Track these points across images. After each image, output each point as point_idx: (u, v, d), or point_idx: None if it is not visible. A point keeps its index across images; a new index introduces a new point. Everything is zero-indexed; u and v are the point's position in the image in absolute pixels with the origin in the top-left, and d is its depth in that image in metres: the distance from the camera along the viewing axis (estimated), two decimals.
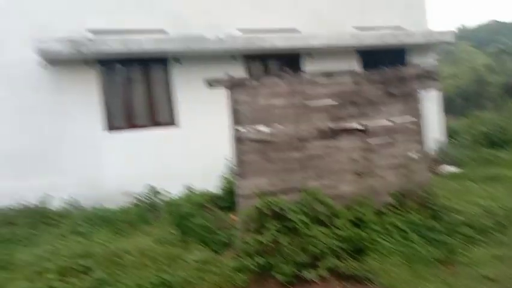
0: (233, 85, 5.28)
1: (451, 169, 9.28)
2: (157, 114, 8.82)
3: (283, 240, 4.88)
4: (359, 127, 5.76)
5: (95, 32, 8.20)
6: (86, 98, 8.27)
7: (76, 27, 8.08)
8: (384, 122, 5.83)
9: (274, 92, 5.39)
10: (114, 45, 7.81)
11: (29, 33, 7.66)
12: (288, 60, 9.33)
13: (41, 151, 8.00)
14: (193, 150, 8.69)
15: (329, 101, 5.58)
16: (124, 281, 4.48)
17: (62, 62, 8.07)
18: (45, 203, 7.88)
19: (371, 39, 9.41)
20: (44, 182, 7.93)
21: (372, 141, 5.79)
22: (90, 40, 7.71)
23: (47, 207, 7.81)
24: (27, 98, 7.96)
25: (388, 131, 5.86)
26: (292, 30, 9.50)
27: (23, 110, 7.94)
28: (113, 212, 6.85)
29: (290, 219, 5.06)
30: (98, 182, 8.23)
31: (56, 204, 7.90)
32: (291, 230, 5.07)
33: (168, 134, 8.74)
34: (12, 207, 7.64)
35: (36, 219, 7.28)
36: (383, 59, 9.24)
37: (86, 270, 4.80)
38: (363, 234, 5.17)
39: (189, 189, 7.08)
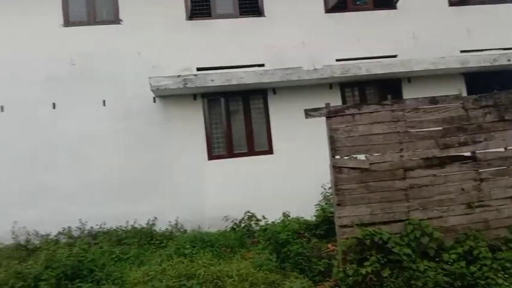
0: (331, 114, 5.30)
1: None
2: (255, 142, 9.13)
3: (386, 273, 4.68)
4: (469, 155, 5.38)
5: (201, 69, 8.88)
6: (192, 128, 8.89)
7: (183, 65, 8.84)
8: (497, 150, 5.38)
9: (375, 119, 5.30)
10: (217, 80, 8.35)
11: (143, 73, 8.56)
12: (387, 87, 9.12)
13: (150, 178, 8.70)
14: (288, 177, 8.79)
15: (436, 128, 5.32)
16: None
17: (171, 96, 8.83)
18: (152, 225, 8.53)
19: (479, 61, 8.83)
20: (152, 206, 8.58)
21: (485, 170, 5.35)
22: (196, 76, 8.35)
23: (153, 229, 8.44)
24: (140, 130, 8.80)
25: (502, 159, 5.38)
26: (392, 57, 9.32)
27: (137, 140, 8.78)
28: (213, 235, 7.13)
29: (393, 252, 4.85)
30: (200, 207, 8.68)
31: (161, 226, 8.50)
32: (394, 263, 4.86)
33: (265, 161, 8.96)
34: (123, 229, 8.39)
35: (144, 240, 7.90)
36: (493, 82, 8.59)
37: None
38: (476, 270, 4.76)
39: (286, 216, 7.13)
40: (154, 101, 8.92)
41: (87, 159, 8.62)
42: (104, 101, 8.80)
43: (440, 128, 5.40)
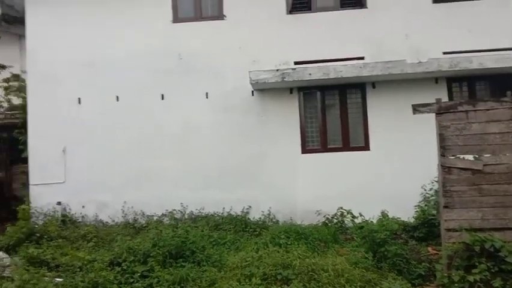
0: (442, 110, 5.02)
1: None
2: (351, 138, 8.97)
3: (497, 283, 4.35)
4: None
5: (298, 62, 8.93)
6: (287, 121, 9.02)
7: (281, 59, 8.97)
8: None
9: (492, 117, 4.91)
10: (314, 73, 8.35)
11: (243, 67, 8.86)
12: (500, 82, 8.36)
13: (246, 168, 9.02)
14: (385, 176, 8.53)
15: None
16: None
17: (269, 90, 9.03)
18: (247, 213, 8.85)
19: None
20: (246, 195, 8.90)
21: None
22: (294, 70, 8.43)
23: (247, 217, 8.75)
24: (238, 122, 9.15)
25: None
26: (508, 49, 8.48)
27: (235, 132, 9.14)
28: (306, 228, 7.19)
29: (506, 262, 4.48)
30: (292, 200, 8.80)
31: (255, 215, 8.78)
32: (506, 273, 4.50)
33: (360, 158, 8.78)
34: (219, 215, 8.82)
35: (239, 226, 8.23)
36: None
37: (286, 280, 5.17)
38: None
39: (384, 215, 6.93)
40: (252, 94, 9.18)
41: (190, 148, 9.20)
42: (206, 94, 9.28)
43: None
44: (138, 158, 9.27)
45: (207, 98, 9.27)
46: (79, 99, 9.55)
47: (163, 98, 9.38)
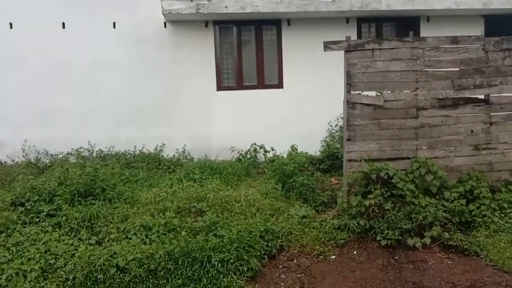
0: (351, 48, 5.22)
1: None
2: (265, 75, 9.05)
3: (388, 206, 4.88)
4: (483, 98, 5.38)
5: None
6: (202, 57, 8.75)
7: None
8: None
9: (394, 56, 5.23)
10: (231, 6, 8.09)
11: None
12: (404, 25, 8.86)
13: (159, 105, 8.72)
14: (296, 113, 8.82)
15: (453, 69, 5.27)
16: (233, 225, 4.85)
17: (183, 22, 8.60)
18: (160, 151, 8.72)
19: (503, 2, 8.51)
20: (160, 133, 8.71)
21: (496, 113, 5.39)
22: (209, 1, 8.07)
23: (161, 155, 8.64)
24: (150, 56, 8.67)
25: None
26: None
27: (147, 66, 8.68)
28: (220, 164, 7.33)
29: (397, 187, 5.02)
30: (207, 137, 8.81)
31: (169, 153, 8.69)
32: (396, 197, 5.05)
33: (274, 95, 8.94)
34: (131, 153, 8.58)
35: (152, 164, 8.12)
36: None
37: (200, 212, 5.30)
38: (474, 209, 4.98)
39: (294, 149, 7.27)
40: (165, 26, 8.70)
41: (97, 83, 8.60)
42: (114, 23, 8.60)
43: (458, 69, 5.35)
44: (39, 93, 8.47)
45: (114, 28, 8.60)
46: None
47: (64, 27, 8.51)
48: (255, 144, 8.15)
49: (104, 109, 8.62)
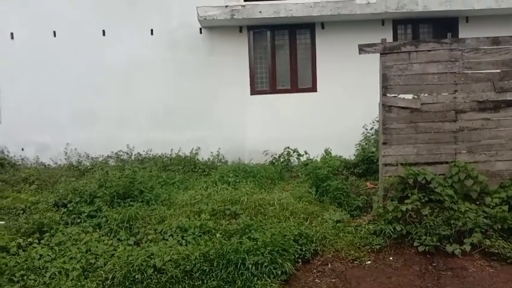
0: (386, 50, 5.14)
1: None
2: (299, 79, 9.05)
3: (426, 211, 4.76)
4: None
5: None
6: (236, 61, 8.87)
7: None
8: None
9: (432, 58, 5.11)
10: (265, 11, 8.16)
11: (191, 2, 8.41)
12: (442, 26, 8.65)
13: (194, 108, 8.91)
14: (330, 116, 8.77)
15: (494, 70, 5.09)
16: (267, 228, 4.87)
17: (217, 27, 8.75)
18: (196, 154, 8.88)
19: None
20: (195, 136, 8.88)
21: None
22: (243, 6, 8.17)
23: (196, 158, 8.79)
24: (185, 61, 8.87)
25: None
26: None
27: (182, 70, 8.88)
28: (254, 167, 7.37)
29: (436, 192, 4.90)
30: (241, 140, 8.91)
31: (204, 156, 8.84)
32: (435, 202, 4.93)
33: (308, 99, 8.93)
34: (168, 156, 8.79)
35: (188, 167, 8.28)
36: None
37: (234, 215, 5.35)
38: None
39: (327, 152, 7.22)
40: (201, 32, 8.88)
41: (135, 87, 8.89)
42: (152, 30, 8.86)
43: (499, 70, 5.16)
44: (80, 97, 8.86)
45: (152, 34, 8.87)
46: (12, 34, 8.81)
47: (104, 34, 8.85)
48: (288, 147, 8.16)
49: (141, 112, 8.87)
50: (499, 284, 3.95)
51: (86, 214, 5.52)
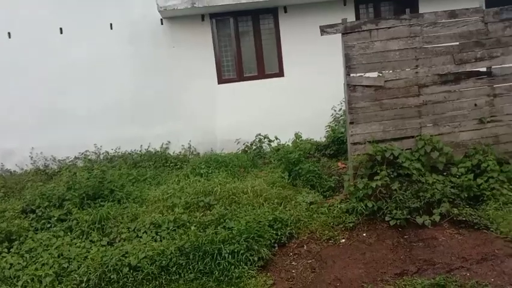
0: (347, 30, 5.15)
1: None
2: (265, 65, 9.00)
3: (395, 186, 4.85)
4: (485, 70, 5.30)
5: None
6: (201, 51, 8.72)
7: None
8: None
9: (392, 35, 5.16)
10: None
11: None
12: (403, 3, 8.73)
13: (162, 102, 8.73)
14: (299, 100, 8.77)
15: (453, 43, 5.19)
16: (242, 216, 4.86)
17: (179, 18, 8.57)
18: (166, 148, 8.75)
19: None
20: (165, 130, 8.74)
21: (499, 85, 5.31)
22: None
23: (167, 152, 8.67)
24: (149, 54, 8.67)
25: None
26: None
27: (146, 64, 8.68)
28: (226, 157, 7.32)
29: (404, 167, 4.99)
30: (212, 131, 8.83)
31: (175, 149, 8.73)
32: (403, 177, 5.02)
33: (275, 84, 8.91)
34: (138, 152, 8.63)
35: (159, 162, 8.16)
36: None
37: (208, 206, 5.32)
38: (482, 182, 4.93)
39: (298, 136, 7.25)
40: (162, 23, 8.69)
41: (98, 84, 8.63)
42: (111, 24, 8.60)
43: (457, 43, 5.27)
44: (42, 99, 8.54)
45: (111, 29, 8.61)
46: None
47: (62, 32, 8.55)
48: (259, 134, 8.14)
49: (107, 110, 8.65)
50: (468, 250, 4.08)
51: (56, 218, 5.39)
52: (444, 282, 3.53)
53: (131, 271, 4.14)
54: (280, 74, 8.99)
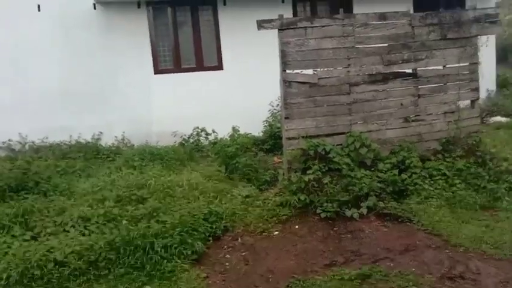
0: (284, 26, 5.24)
1: (500, 119, 9.03)
2: (204, 57, 8.91)
3: (326, 180, 5.04)
4: (411, 72, 5.65)
5: None
6: (137, 40, 8.46)
7: None
8: (437, 67, 5.69)
9: (326, 33, 5.32)
10: None
11: None
12: (338, 3, 9.03)
13: (94, 91, 8.37)
14: (237, 94, 8.81)
15: (382, 44, 5.46)
16: (176, 209, 4.80)
17: (113, 3, 8.22)
18: (98, 140, 8.39)
19: None
20: (97, 120, 8.38)
21: (423, 86, 5.69)
22: None
23: (99, 144, 8.32)
24: (80, 40, 8.24)
25: (440, 77, 5.72)
26: None
27: (77, 51, 8.25)
28: (162, 149, 7.18)
29: (334, 161, 5.19)
30: (147, 122, 8.60)
31: (107, 141, 8.39)
32: (334, 171, 5.23)
33: (214, 77, 8.86)
34: (67, 143, 8.20)
35: (90, 154, 7.81)
36: (439, 1, 8.76)
37: (141, 200, 5.18)
38: (406, 177, 5.26)
39: (235, 130, 7.28)
40: (94, 8, 8.27)
41: (26, 70, 8.07)
42: (38, 6, 8.04)
43: (386, 44, 5.55)
44: None
45: (39, 11, 8.05)
46: None
47: None
48: (197, 127, 8.07)
49: (33, 98, 8.11)
50: (392, 241, 4.34)
51: None
52: (370, 272, 3.72)
53: (57, 267, 3.92)
54: (219, 67, 8.96)
